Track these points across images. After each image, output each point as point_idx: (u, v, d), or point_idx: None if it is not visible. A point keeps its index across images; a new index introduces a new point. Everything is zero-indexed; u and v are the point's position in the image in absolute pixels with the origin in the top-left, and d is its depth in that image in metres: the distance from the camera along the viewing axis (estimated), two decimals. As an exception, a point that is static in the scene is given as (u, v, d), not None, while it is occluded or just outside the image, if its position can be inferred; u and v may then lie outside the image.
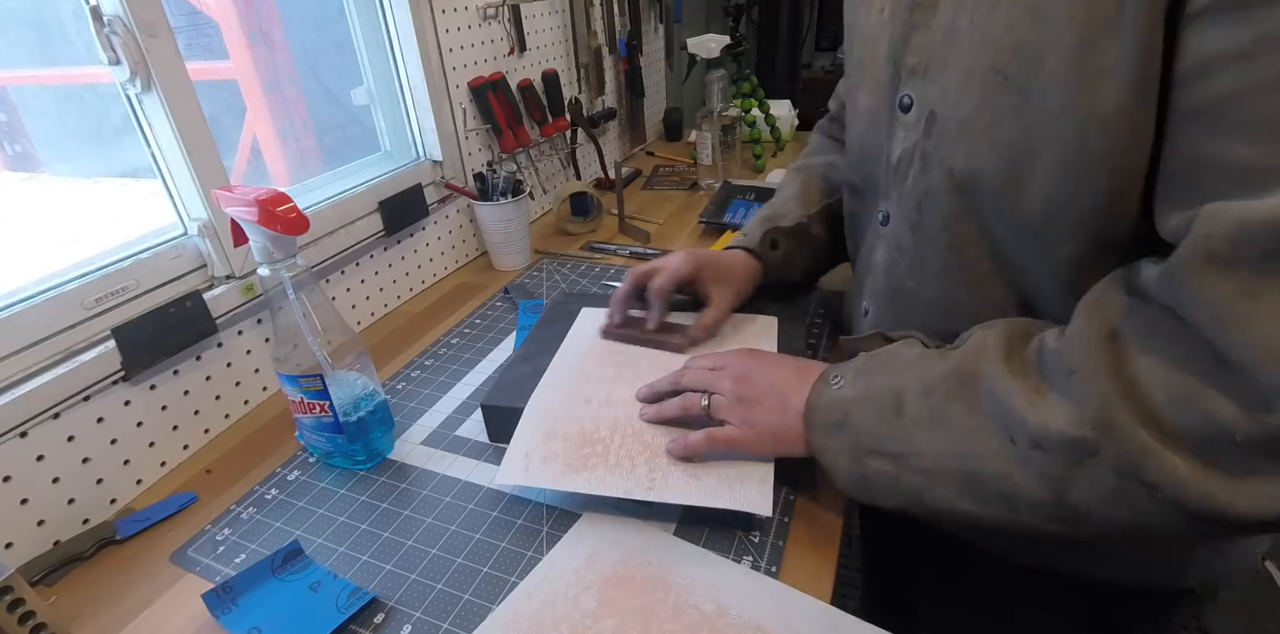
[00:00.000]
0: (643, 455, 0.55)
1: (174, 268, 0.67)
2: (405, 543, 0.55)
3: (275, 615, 0.48)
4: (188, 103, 0.65)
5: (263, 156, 0.94)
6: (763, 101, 1.53)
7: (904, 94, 0.47)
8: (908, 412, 0.42)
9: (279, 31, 0.94)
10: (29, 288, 0.58)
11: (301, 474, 0.64)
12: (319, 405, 0.59)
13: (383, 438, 0.64)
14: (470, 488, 0.60)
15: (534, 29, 1.18)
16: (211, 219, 0.68)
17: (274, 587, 0.51)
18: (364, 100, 0.95)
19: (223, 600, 0.49)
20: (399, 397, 0.74)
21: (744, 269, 0.70)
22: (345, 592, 0.50)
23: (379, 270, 0.92)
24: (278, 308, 0.57)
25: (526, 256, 1.06)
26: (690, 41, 1.36)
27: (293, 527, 0.58)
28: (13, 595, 0.46)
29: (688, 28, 1.93)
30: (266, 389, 0.76)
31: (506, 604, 0.48)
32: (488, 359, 0.80)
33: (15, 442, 0.54)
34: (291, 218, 0.52)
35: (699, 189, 1.36)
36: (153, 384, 0.64)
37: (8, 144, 0.75)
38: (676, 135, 1.75)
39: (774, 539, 0.53)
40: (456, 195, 1.04)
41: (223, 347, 0.71)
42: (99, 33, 0.58)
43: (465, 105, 1.03)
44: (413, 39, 0.91)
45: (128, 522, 0.59)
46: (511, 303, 0.94)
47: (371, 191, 0.89)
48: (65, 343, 0.58)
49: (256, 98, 0.93)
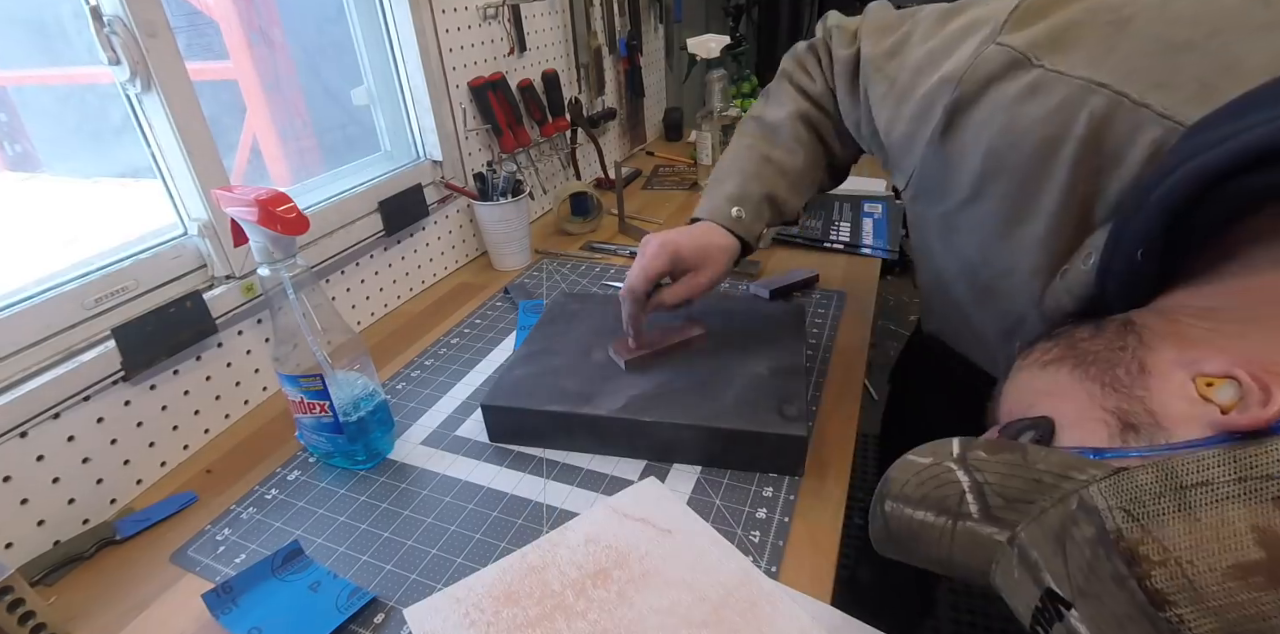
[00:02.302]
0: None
1: (174, 268, 0.67)
2: (405, 543, 0.55)
3: (275, 615, 0.48)
4: (188, 103, 0.65)
5: (263, 156, 0.94)
6: (763, 101, 1.53)
7: None
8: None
9: (279, 31, 0.94)
10: (29, 288, 0.58)
11: (301, 474, 0.64)
12: (319, 405, 0.59)
13: (383, 438, 0.64)
14: (470, 488, 0.60)
15: (534, 29, 1.18)
16: (211, 219, 0.68)
17: (274, 587, 0.51)
18: (364, 100, 0.95)
19: (223, 600, 0.49)
20: (399, 397, 0.74)
21: (723, 251, 0.64)
22: (345, 592, 0.50)
23: (379, 270, 0.92)
24: (278, 308, 0.57)
25: (526, 256, 1.06)
26: (690, 41, 1.36)
27: (293, 527, 0.58)
28: (13, 595, 0.46)
29: (688, 28, 1.93)
30: (266, 389, 0.76)
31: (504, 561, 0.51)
32: (488, 359, 0.80)
33: (15, 442, 0.54)
34: (291, 218, 0.52)
35: (699, 189, 1.36)
36: (153, 384, 0.64)
37: (8, 144, 0.75)
38: (676, 135, 1.75)
39: (774, 539, 0.53)
40: (456, 195, 1.04)
41: (223, 347, 0.71)
42: (99, 33, 0.58)
43: (465, 105, 1.03)
44: (413, 39, 0.91)
45: (128, 522, 0.59)
46: (511, 303, 0.94)
47: (371, 191, 0.89)
48: (65, 343, 0.58)
49: (256, 98, 0.93)
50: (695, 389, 0.63)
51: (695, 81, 1.58)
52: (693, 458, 0.61)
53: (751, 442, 0.58)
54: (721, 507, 0.56)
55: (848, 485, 0.59)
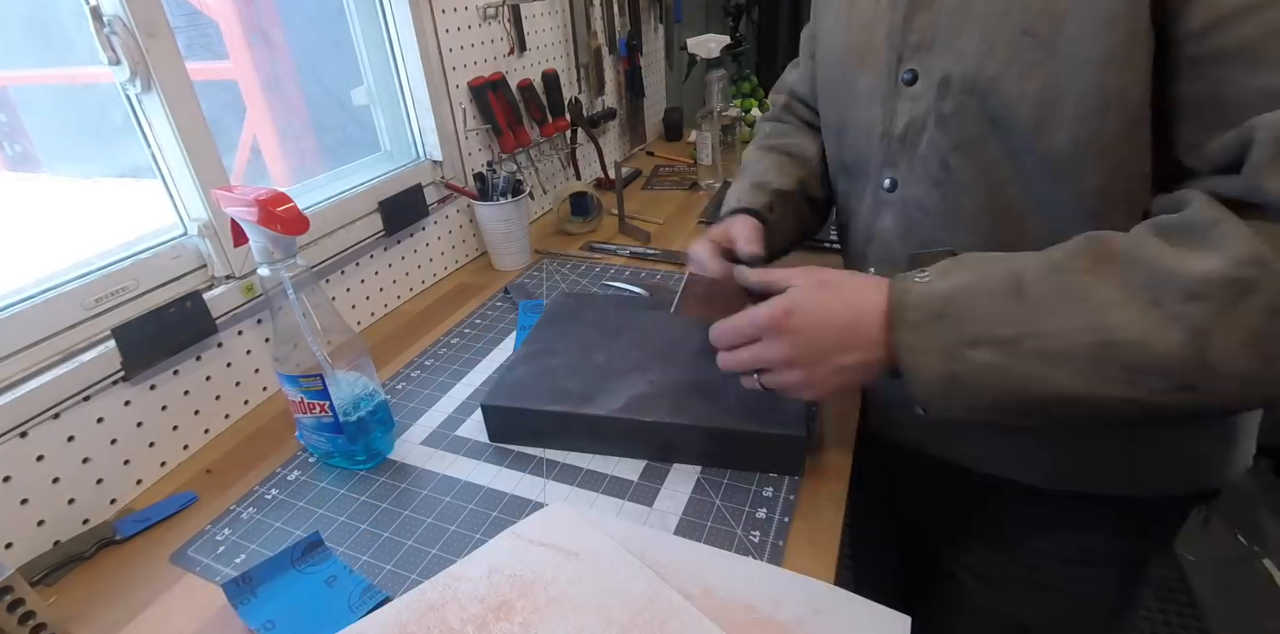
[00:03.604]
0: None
1: (174, 268, 0.67)
2: (405, 543, 0.55)
3: (291, 609, 0.49)
4: (188, 103, 0.65)
5: (263, 156, 0.94)
6: (763, 101, 1.53)
7: (907, 69, 0.51)
8: (1031, 291, 0.41)
9: (279, 31, 0.94)
10: (29, 288, 0.58)
11: (301, 474, 0.64)
12: (319, 405, 0.59)
13: (383, 438, 0.64)
14: (470, 488, 0.60)
15: (534, 29, 1.18)
16: (211, 219, 0.68)
17: (292, 578, 0.51)
18: (364, 100, 0.95)
19: (242, 590, 0.49)
20: (399, 397, 0.74)
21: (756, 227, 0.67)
22: (358, 590, 0.50)
23: (379, 270, 0.92)
24: (278, 308, 0.57)
25: (526, 256, 1.06)
26: (690, 41, 1.37)
27: (293, 527, 0.58)
28: (13, 595, 0.46)
29: (688, 28, 1.93)
30: (266, 389, 0.76)
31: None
32: (488, 359, 0.80)
33: (15, 442, 0.54)
34: (291, 218, 0.52)
35: (699, 189, 1.36)
36: (153, 384, 0.64)
37: (8, 144, 0.75)
38: (676, 135, 1.75)
39: (774, 539, 0.53)
40: (456, 195, 1.04)
41: (223, 347, 0.71)
42: (99, 33, 0.58)
43: (465, 105, 1.03)
44: (413, 39, 0.91)
45: (128, 522, 0.59)
46: (511, 303, 0.94)
47: (371, 191, 0.89)
48: (65, 343, 0.58)
49: (256, 98, 0.93)
50: (695, 389, 0.63)
51: (695, 81, 1.58)
52: (693, 458, 0.61)
53: (751, 442, 0.58)
54: (721, 507, 0.56)
55: (848, 485, 0.59)
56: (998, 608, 0.68)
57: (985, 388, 0.42)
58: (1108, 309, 0.39)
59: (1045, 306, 0.41)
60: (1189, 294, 0.37)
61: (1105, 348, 0.39)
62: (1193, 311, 0.36)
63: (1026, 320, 0.41)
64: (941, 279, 0.45)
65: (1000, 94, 0.45)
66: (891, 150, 0.55)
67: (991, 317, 0.42)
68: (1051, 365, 0.40)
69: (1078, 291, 0.40)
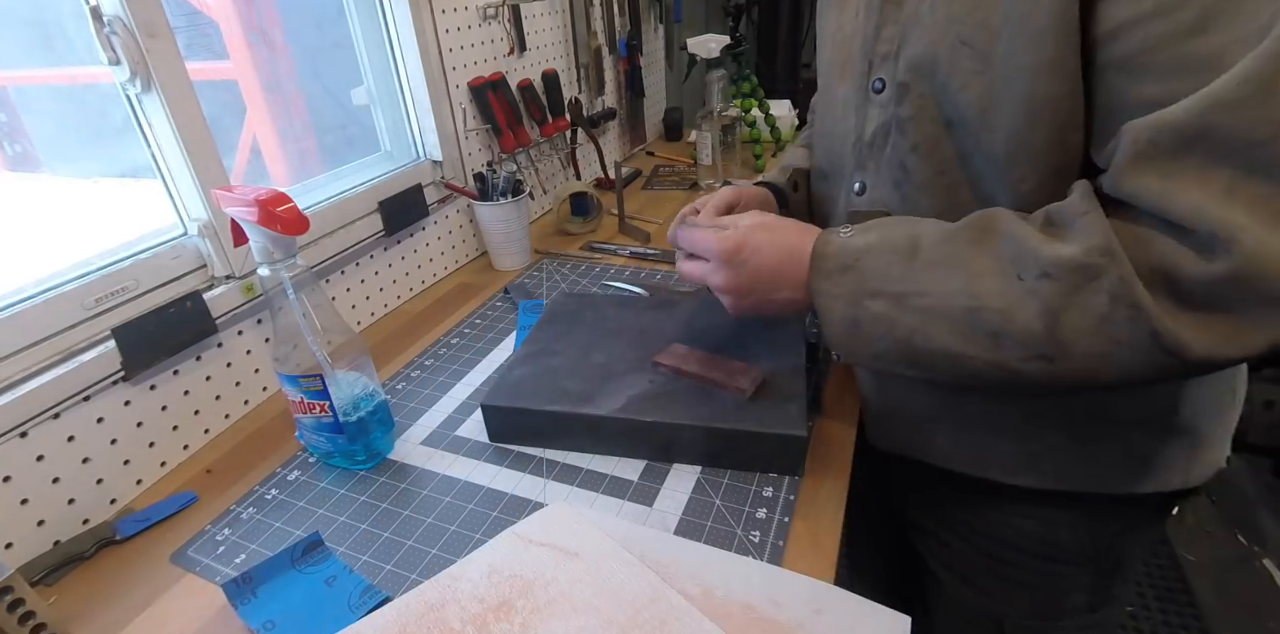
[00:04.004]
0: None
1: (174, 268, 0.67)
2: (405, 543, 0.55)
3: (291, 609, 0.49)
4: (188, 103, 0.65)
5: (263, 156, 0.94)
6: (762, 101, 1.53)
7: (876, 78, 0.54)
8: (923, 255, 0.46)
9: (279, 31, 0.94)
10: (29, 288, 0.58)
11: (301, 474, 0.64)
12: (319, 405, 0.59)
13: (383, 438, 0.64)
14: (470, 488, 0.60)
15: (534, 29, 1.18)
16: (211, 219, 0.68)
17: (292, 578, 0.51)
18: (364, 100, 0.95)
19: (242, 590, 0.49)
20: (399, 397, 0.74)
21: (769, 203, 0.73)
22: (358, 590, 0.50)
23: (379, 270, 0.92)
24: (278, 308, 0.57)
25: (526, 256, 1.06)
26: (690, 41, 1.36)
27: (293, 527, 0.58)
28: (13, 595, 0.46)
29: (688, 28, 1.93)
30: (266, 389, 0.76)
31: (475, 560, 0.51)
32: (488, 359, 0.80)
33: (15, 442, 0.54)
34: (291, 218, 0.52)
35: (699, 189, 1.36)
36: (153, 384, 0.64)
37: (8, 144, 0.75)
38: (676, 135, 1.75)
39: (774, 539, 0.53)
40: (456, 195, 1.04)
41: (223, 347, 0.71)
42: (99, 33, 0.58)
43: (465, 105, 1.03)
44: (413, 39, 0.91)
45: (128, 522, 0.59)
46: (511, 303, 0.94)
47: (371, 191, 0.89)
48: (65, 343, 0.58)
49: (256, 98, 0.93)
50: (695, 389, 0.63)
51: (695, 81, 1.58)
52: (693, 458, 0.61)
53: (751, 442, 0.58)
54: (721, 507, 0.56)
55: (848, 485, 0.59)
56: (972, 602, 0.69)
57: (879, 336, 0.48)
58: (980, 277, 0.43)
59: (932, 269, 0.46)
60: (1044, 273, 0.41)
61: (974, 312, 0.43)
62: (1045, 289, 0.40)
63: (915, 279, 0.46)
64: (861, 236, 0.50)
65: (949, 99, 0.48)
66: (862, 155, 0.58)
67: (888, 274, 0.47)
68: (930, 322, 0.45)
69: (959, 259, 0.45)
